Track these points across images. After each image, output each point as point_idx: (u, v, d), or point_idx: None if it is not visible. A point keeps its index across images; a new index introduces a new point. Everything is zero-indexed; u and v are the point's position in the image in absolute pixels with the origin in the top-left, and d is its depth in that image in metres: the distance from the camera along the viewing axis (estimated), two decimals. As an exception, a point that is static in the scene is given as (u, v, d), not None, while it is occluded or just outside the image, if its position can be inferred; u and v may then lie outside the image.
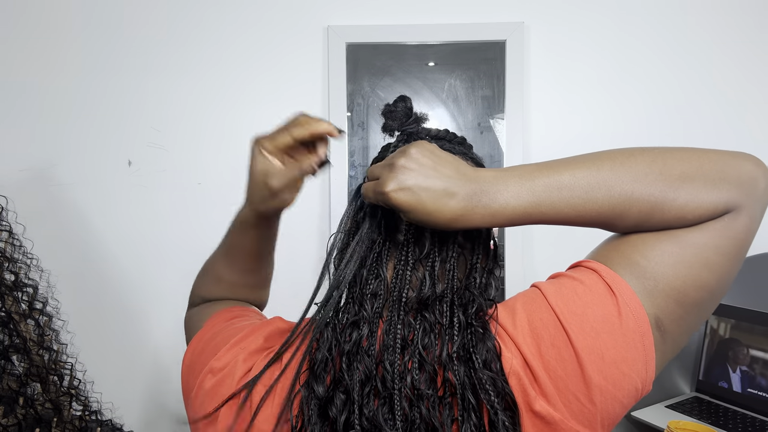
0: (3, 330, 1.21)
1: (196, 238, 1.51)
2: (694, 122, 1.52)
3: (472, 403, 0.51)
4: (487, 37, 1.50)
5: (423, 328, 0.54)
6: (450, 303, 0.55)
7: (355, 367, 0.53)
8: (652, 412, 1.28)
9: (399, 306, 0.55)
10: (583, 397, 0.49)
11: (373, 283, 0.57)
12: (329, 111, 1.50)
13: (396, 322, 0.54)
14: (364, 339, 0.54)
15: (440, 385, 0.52)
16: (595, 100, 1.52)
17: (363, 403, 0.52)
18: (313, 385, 0.53)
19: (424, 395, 0.51)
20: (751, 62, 1.52)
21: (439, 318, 0.54)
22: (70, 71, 1.51)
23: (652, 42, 1.52)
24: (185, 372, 0.64)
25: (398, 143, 0.64)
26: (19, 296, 1.28)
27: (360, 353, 0.53)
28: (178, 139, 1.53)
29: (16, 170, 1.50)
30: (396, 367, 0.52)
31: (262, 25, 1.52)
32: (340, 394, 0.52)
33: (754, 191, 0.51)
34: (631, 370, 0.50)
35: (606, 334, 0.50)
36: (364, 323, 0.55)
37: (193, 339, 0.67)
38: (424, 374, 0.52)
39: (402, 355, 0.52)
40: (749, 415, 1.26)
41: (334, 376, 0.54)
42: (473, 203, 0.51)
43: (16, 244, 1.33)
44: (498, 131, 1.52)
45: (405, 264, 0.57)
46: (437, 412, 0.51)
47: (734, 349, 1.34)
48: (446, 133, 0.65)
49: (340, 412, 0.52)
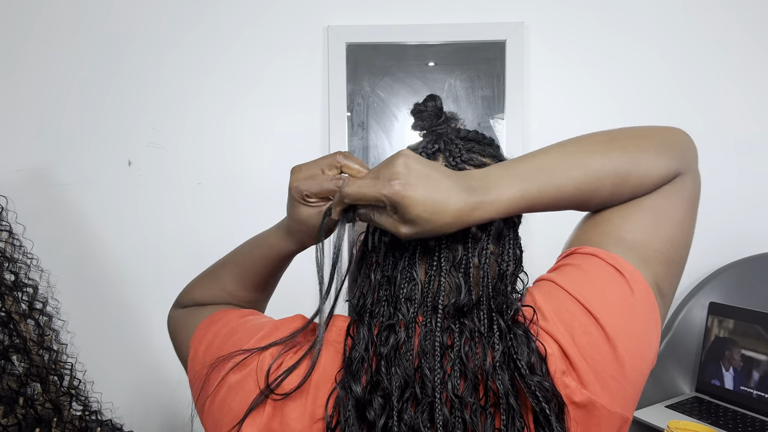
0: (3, 330, 1.21)
1: (196, 238, 1.51)
2: (694, 121, 1.52)
3: (515, 410, 0.50)
4: (487, 37, 1.50)
5: (463, 335, 0.53)
6: (487, 309, 0.55)
7: (394, 371, 0.51)
8: (652, 412, 1.28)
9: (435, 312, 0.54)
10: (619, 377, 0.52)
11: (406, 287, 0.56)
12: (329, 111, 1.50)
13: (434, 328, 0.53)
14: (401, 344, 0.53)
15: (482, 394, 0.51)
16: (595, 99, 1.52)
17: (402, 408, 0.51)
18: (350, 384, 0.52)
19: (466, 403, 0.51)
20: (754, 61, 1.52)
21: (478, 325, 0.54)
22: (70, 71, 1.51)
23: (652, 42, 1.52)
24: (198, 368, 0.61)
25: (427, 144, 0.63)
26: (19, 296, 1.29)
27: (398, 357, 0.52)
28: (178, 139, 1.53)
29: (15, 170, 1.50)
30: (436, 374, 0.51)
31: (262, 25, 1.52)
32: (379, 398, 0.51)
33: (692, 155, 0.61)
34: (650, 341, 0.55)
35: (627, 311, 0.54)
36: (400, 327, 0.54)
37: (205, 335, 0.63)
38: (465, 382, 0.51)
39: (441, 361, 0.52)
40: (749, 415, 1.26)
41: (371, 378, 0.52)
42: (470, 200, 0.52)
43: (16, 244, 1.33)
44: (498, 131, 1.52)
45: (438, 269, 0.56)
46: (479, 420, 0.51)
47: (733, 349, 1.34)
48: (476, 134, 0.64)
49: (379, 416, 0.51)
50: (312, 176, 0.61)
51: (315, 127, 1.52)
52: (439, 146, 0.62)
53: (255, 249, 0.72)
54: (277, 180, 1.52)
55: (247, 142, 1.54)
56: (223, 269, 0.75)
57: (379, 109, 1.53)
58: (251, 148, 1.54)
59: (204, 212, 1.53)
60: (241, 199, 1.53)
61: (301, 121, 1.53)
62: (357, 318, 0.57)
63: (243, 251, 0.74)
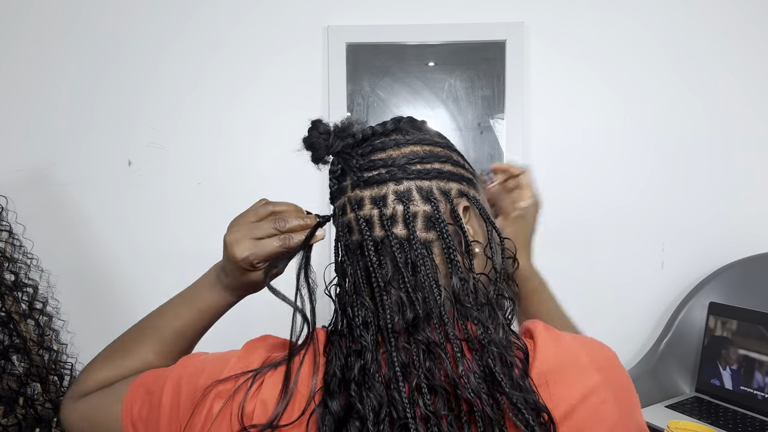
0: (3, 330, 1.21)
1: (196, 238, 1.51)
2: (695, 122, 1.52)
3: (491, 418, 0.49)
4: (487, 37, 1.50)
5: (420, 350, 0.52)
6: (438, 318, 0.53)
7: (365, 395, 0.51)
8: (652, 412, 1.28)
9: (387, 332, 0.53)
10: None
11: (359, 313, 0.56)
12: (329, 111, 1.50)
13: (391, 350, 0.52)
14: (367, 368, 0.52)
15: (454, 404, 0.50)
16: (595, 99, 1.52)
17: (379, 430, 0.50)
18: (327, 401, 0.52)
19: (440, 415, 0.50)
20: (755, 60, 1.52)
21: (434, 336, 0.52)
22: (70, 71, 1.51)
23: (652, 41, 1.52)
24: (170, 414, 0.56)
25: (332, 169, 0.63)
26: (19, 296, 1.29)
27: (367, 381, 0.52)
28: (178, 139, 1.53)
29: (15, 170, 1.50)
30: (403, 395, 0.50)
31: (262, 25, 1.52)
32: (355, 421, 0.50)
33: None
34: None
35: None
36: (365, 351, 0.53)
37: (169, 382, 0.57)
38: (435, 396, 0.50)
39: (406, 381, 0.51)
40: (749, 415, 1.26)
41: (347, 400, 0.52)
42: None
43: (16, 244, 1.33)
44: (498, 131, 1.52)
45: (379, 288, 0.55)
46: (456, 429, 0.50)
47: (734, 349, 1.34)
48: (371, 131, 0.62)
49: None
50: (255, 243, 0.63)
51: (315, 127, 1.52)
52: (341, 167, 0.62)
53: (181, 309, 0.70)
54: (278, 180, 1.52)
55: (247, 142, 1.54)
56: (137, 341, 0.70)
57: (379, 109, 1.53)
58: (251, 148, 1.53)
59: (204, 212, 1.53)
60: (241, 199, 1.52)
61: (301, 121, 1.51)
62: (331, 339, 0.56)
63: (164, 316, 0.71)
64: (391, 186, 0.58)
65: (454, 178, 0.61)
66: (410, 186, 0.58)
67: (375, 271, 0.56)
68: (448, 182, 0.60)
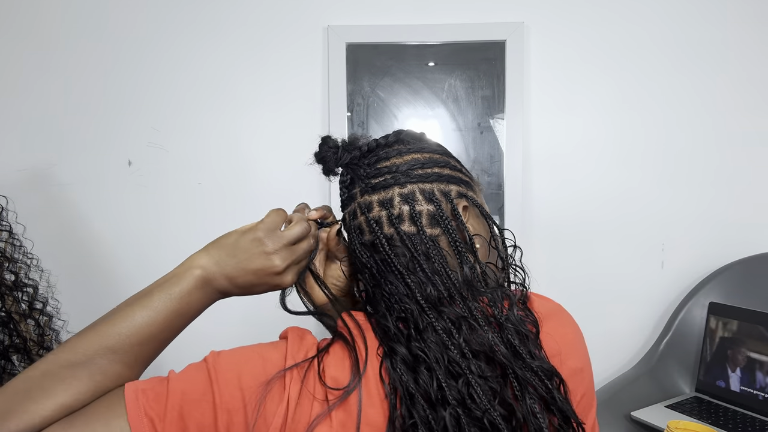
0: (3, 330, 1.21)
1: (197, 238, 1.50)
2: (695, 122, 1.52)
3: (524, 380, 0.56)
4: (487, 37, 1.50)
5: (452, 323, 0.58)
6: (460, 296, 0.59)
7: (427, 347, 0.56)
8: (652, 412, 1.28)
9: (425, 302, 0.59)
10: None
11: (395, 288, 0.62)
12: (329, 111, 1.50)
13: (431, 320, 0.58)
14: (423, 326, 0.58)
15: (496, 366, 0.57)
16: (595, 99, 1.52)
17: (447, 380, 0.55)
18: (395, 348, 0.56)
19: (487, 376, 0.56)
20: (755, 59, 1.52)
21: (461, 311, 0.58)
22: (70, 71, 1.51)
23: (652, 41, 1.52)
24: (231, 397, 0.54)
25: (342, 180, 0.70)
26: (19, 296, 1.28)
27: (426, 338, 0.57)
28: (178, 139, 1.53)
29: (15, 170, 1.50)
30: (456, 354, 0.56)
31: (261, 25, 1.52)
32: (423, 369, 0.55)
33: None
34: None
35: None
36: (412, 313, 0.59)
37: (219, 385, 0.55)
38: (478, 359, 0.56)
39: (452, 342, 0.57)
40: (749, 414, 1.26)
41: (410, 352, 0.56)
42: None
43: (16, 244, 1.33)
44: (498, 131, 1.52)
45: (401, 274, 0.62)
46: (499, 387, 0.56)
47: (733, 349, 1.34)
48: (375, 143, 0.68)
49: (429, 385, 0.55)
50: (298, 266, 0.68)
51: (315, 127, 1.52)
52: (350, 177, 0.69)
53: (160, 307, 0.65)
54: (278, 180, 1.52)
55: (247, 142, 1.54)
56: (95, 354, 0.59)
57: (379, 109, 1.53)
58: (251, 148, 1.53)
59: (204, 212, 1.53)
60: (241, 199, 1.53)
61: (301, 121, 1.53)
62: (373, 312, 0.62)
63: (130, 321, 0.63)
64: (397, 189, 0.65)
65: (452, 181, 0.67)
66: (414, 188, 0.65)
67: (392, 261, 0.62)
68: (448, 184, 0.66)
